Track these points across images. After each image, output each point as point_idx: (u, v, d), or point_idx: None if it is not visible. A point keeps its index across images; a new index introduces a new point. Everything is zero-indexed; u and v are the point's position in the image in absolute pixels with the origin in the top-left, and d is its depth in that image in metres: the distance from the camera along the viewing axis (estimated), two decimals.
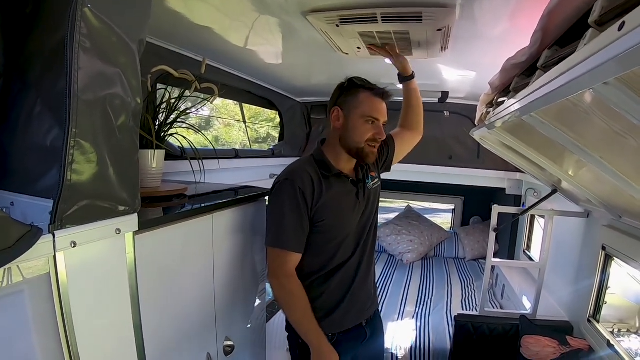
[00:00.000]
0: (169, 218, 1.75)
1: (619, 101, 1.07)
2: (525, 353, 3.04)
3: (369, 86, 2.15)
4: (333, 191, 2.13)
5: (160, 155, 2.08)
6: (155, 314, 1.65)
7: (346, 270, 2.22)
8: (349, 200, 2.20)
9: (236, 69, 3.77)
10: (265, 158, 4.96)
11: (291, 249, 2.08)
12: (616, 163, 1.78)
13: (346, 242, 2.20)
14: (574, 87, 1.07)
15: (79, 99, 1.06)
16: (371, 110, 2.11)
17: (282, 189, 2.08)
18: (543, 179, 3.38)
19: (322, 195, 2.09)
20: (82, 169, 1.10)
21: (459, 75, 3.73)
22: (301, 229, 2.07)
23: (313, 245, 2.15)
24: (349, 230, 2.20)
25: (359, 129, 2.11)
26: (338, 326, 2.23)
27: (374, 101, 2.12)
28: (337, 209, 2.15)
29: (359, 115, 2.11)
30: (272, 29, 2.51)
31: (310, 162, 2.17)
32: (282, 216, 2.07)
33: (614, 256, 2.78)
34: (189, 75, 2.18)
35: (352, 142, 2.14)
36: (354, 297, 2.26)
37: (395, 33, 2.35)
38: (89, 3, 1.06)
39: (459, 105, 5.16)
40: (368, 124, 2.11)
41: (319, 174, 2.12)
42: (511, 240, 5.86)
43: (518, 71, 1.80)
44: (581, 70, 0.98)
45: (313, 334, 2.12)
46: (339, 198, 2.16)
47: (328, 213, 2.11)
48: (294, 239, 2.08)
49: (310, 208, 2.07)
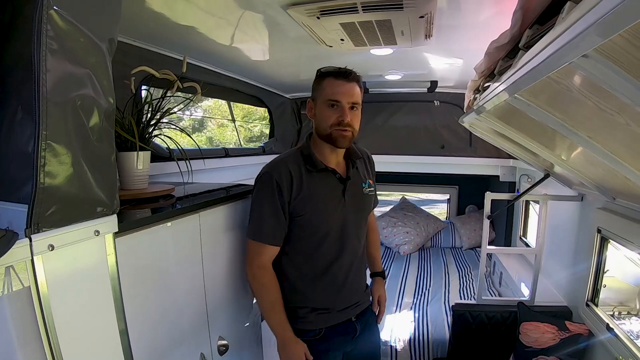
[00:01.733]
0: (152, 219, 1.72)
1: (601, 74, 1.05)
2: (524, 340, 3.04)
3: (332, 71, 2.12)
4: (316, 186, 2.13)
5: (145, 157, 2.05)
6: (143, 317, 1.63)
7: (334, 267, 2.21)
8: (334, 196, 2.19)
9: (223, 68, 3.77)
10: (256, 156, 4.94)
11: (265, 241, 2.11)
12: (606, 143, 1.75)
13: (330, 239, 2.18)
14: (553, 62, 1.05)
15: (49, 102, 1.04)
16: (332, 93, 2.08)
17: (261, 181, 2.12)
18: (536, 164, 3.38)
19: (302, 189, 2.09)
20: (55, 172, 1.08)
21: (446, 64, 3.73)
22: (277, 222, 2.10)
23: (295, 240, 2.17)
24: (332, 226, 2.18)
25: (324, 114, 2.11)
26: (324, 321, 2.24)
27: (335, 84, 2.08)
28: (318, 204, 2.14)
29: (322, 101, 2.10)
30: (256, 25, 2.50)
31: (295, 156, 2.18)
32: (258, 209, 2.12)
33: (609, 238, 2.77)
34: (171, 75, 2.15)
35: (322, 130, 2.13)
36: (341, 294, 2.26)
37: (377, 22, 2.34)
38: (55, 5, 1.03)
39: (449, 94, 5.17)
40: (331, 108, 2.09)
41: (302, 168, 2.12)
42: (507, 227, 5.88)
43: (502, 54, 1.77)
44: (559, 44, 0.96)
45: (278, 325, 2.16)
46: (322, 194, 2.15)
47: (308, 208, 2.11)
48: (268, 232, 2.11)
49: (287, 202, 2.08)
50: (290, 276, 2.22)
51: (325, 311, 2.24)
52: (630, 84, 1.04)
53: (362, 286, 2.42)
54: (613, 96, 1.18)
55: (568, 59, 0.99)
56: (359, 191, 2.29)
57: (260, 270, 2.14)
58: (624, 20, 0.71)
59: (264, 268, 2.14)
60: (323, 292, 2.22)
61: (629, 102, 1.12)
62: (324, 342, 2.23)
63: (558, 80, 1.45)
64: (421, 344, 3.86)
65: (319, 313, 2.23)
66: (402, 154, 5.50)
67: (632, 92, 1.07)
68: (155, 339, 1.73)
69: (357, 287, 2.36)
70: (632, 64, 1.00)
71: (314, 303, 2.22)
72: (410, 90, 5.16)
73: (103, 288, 1.32)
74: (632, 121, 1.36)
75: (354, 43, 2.72)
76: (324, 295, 2.23)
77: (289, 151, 2.25)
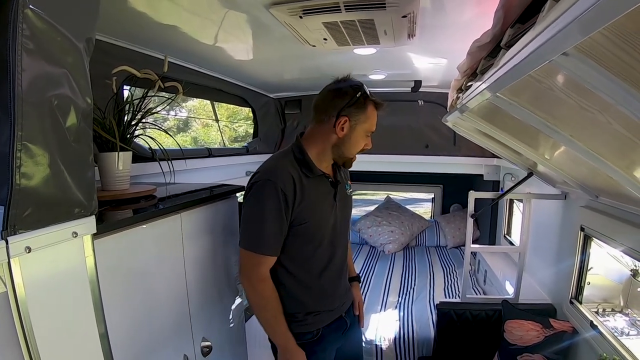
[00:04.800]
0: (132, 220, 1.71)
1: (581, 73, 1.05)
2: (508, 337, 3.04)
3: (376, 100, 2.10)
4: (314, 192, 2.09)
5: (126, 157, 2.04)
6: (124, 319, 1.62)
7: (328, 271, 2.22)
8: (328, 201, 2.18)
9: (206, 67, 3.76)
10: (240, 156, 4.94)
11: (267, 252, 2.04)
12: (588, 142, 1.76)
13: (324, 244, 2.18)
14: (534, 60, 1.04)
15: (24, 102, 1.02)
16: (372, 125, 2.11)
17: (263, 190, 1.99)
18: (519, 163, 3.40)
19: (304, 196, 2.03)
20: (31, 173, 1.06)
21: (430, 63, 3.75)
22: (280, 233, 2.03)
23: (290, 248, 2.11)
24: (326, 232, 2.17)
25: (358, 143, 2.11)
26: (320, 322, 2.24)
27: (376, 115, 2.11)
28: (317, 211, 2.12)
29: (364, 130, 2.09)
30: (240, 24, 2.50)
31: (290, 160, 2.09)
32: (261, 220, 2.00)
33: (592, 236, 2.79)
34: (152, 75, 2.13)
35: (347, 153, 2.13)
36: (335, 295, 2.30)
37: (360, 22, 2.34)
38: (31, 4, 1.01)
39: (433, 93, 5.18)
40: (366, 137, 2.12)
41: (299, 173, 2.05)
42: (491, 226, 5.91)
43: (484, 53, 1.77)
44: (539, 42, 0.96)
45: (281, 335, 2.12)
46: (320, 199, 2.14)
47: (310, 215, 2.07)
48: (272, 244, 2.03)
49: (292, 211, 2.01)
50: (287, 284, 2.17)
51: (320, 313, 2.24)
52: (611, 82, 1.04)
53: (347, 281, 2.46)
54: (594, 95, 1.18)
55: (548, 57, 0.99)
56: (344, 193, 2.30)
57: (262, 284, 2.07)
58: (603, 17, 0.71)
59: (265, 280, 2.08)
60: (318, 295, 2.23)
61: (610, 100, 1.12)
62: (320, 342, 2.24)
63: (540, 79, 1.45)
64: (406, 342, 3.86)
65: (315, 315, 2.22)
66: (387, 153, 5.50)
67: (613, 91, 1.06)
68: (137, 341, 1.72)
69: (345, 285, 2.41)
70: (613, 62, 1.00)
71: (310, 307, 2.21)
72: (394, 89, 5.16)
73: (82, 290, 1.30)
74: (614, 120, 1.37)
75: (337, 42, 2.72)
76: (319, 298, 2.23)
77: (281, 154, 2.17)
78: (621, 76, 1.03)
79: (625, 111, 1.13)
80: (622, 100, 1.08)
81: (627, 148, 1.61)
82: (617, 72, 1.02)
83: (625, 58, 0.97)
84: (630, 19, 0.76)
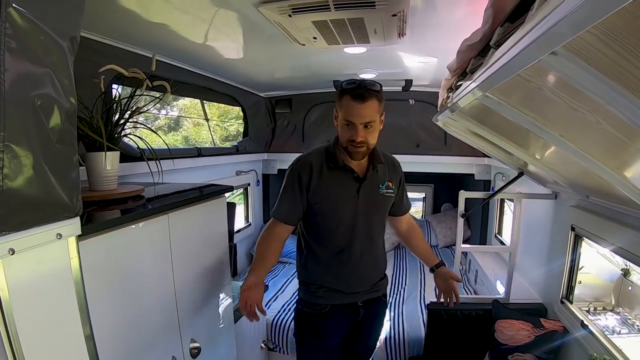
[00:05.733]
0: (118, 221, 1.69)
1: (570, 72, 1.04)
2: (499, 337, 3.04)
3: (350, 89, 2.24)
4: (332, 180, 2.40)
5: (114, 157, 2.03)
6: (111, 321, 1.62)
7: (343, 256, 2.47)
8: (348, 192, 2.42)
9: (196, 66, 3.75)
10: (230, 155, 4.93)
11: (278, 218, 2.47)
12: (578, 141, 1.76)
13: (341, 229, 2.44)
14: (523, 60, 1.03)
15: (7, 101, 1.00)
16: (347, 114, 2.25)
17: (287, 173, 2.47)
18: (510, 162, 3.40)
19: (321, 181, 2.38)
20: (14, 174, 1.04)
21: (421, 62, 3.74)
22: (292, 204, 2.43)
23: (312, 227, 2.50)
24: (343, 218, 2.43)
25: (341, 131, 2.32)
26: (331, 299, 2.51)
27: (350, 106, 2.23)
28: (331, 197, 2.41)
29: (342, 118, 2.29)
30: (230, 23, 2.50)
31: (320, 152, 2.46)
32: (280, 194, 2.48)
33: (583, 236, 2.80)
34: (140, 74, 2.12)
35: (341, 141, 2.35)
36: (348, 280, 2.52)
37: (350, 20, 2.33)
38: (14, 2, 0.99)
39: (424, 92, 5.19)
40: (347, 126, 2.27)
41: (323, 163, 2.41)
42: (482, 225, 5.92)
43: (474, 52, 1.76)
44: (528, 41, 0.95)
45: (253, 269, 2.37)
46: (336, 188, 2.41)
47: (322, 198, 2.40)
48: (282, 212, 2.46)
49: (306, 191, 2.39)
50: (307, 255, 2.54)
51: (332, 291, 2.50)
52: (600, 82, 1.03)
53: (372, 278, 2.62)
54: (584, 95, 1.17)
55: (537, 56, 0.98)
56: (375, 191, 2.48)
57: (266, 231, 2.50)
58: (592, 15, 0.70)
59: (270, 231, 2.48)
60: (331, 275, 2.50)
61: (599, 100, 1.12)
62: (327, 318, 2.53)
63: (529, 78, 1.45)
64: (397, 342, 3.86)
65: (326, 290, 2.51)
66: None
67: (602, 90, 1.06)
68: (124, 342, 1.71)
69: (365, 277, 2.58)
70: (603, 61, 0.99)
71: (321, 282, 2.51)
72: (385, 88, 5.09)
73: (67, 293, 1.28)
74: (604, 120, 1.36)
75: (326, 41, 2.72)
76: (332, 278, 2.50)
77: (319, 147, 2.52)
78: (610, 75, 1.02)
79: (614, 111, 1.13)
80: (612, 100, 1.08)
81: (617, 148, 1.61)
82: (606, 71, 1.01)
83: (615, 57, 0.97)
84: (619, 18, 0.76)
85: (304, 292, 2.60)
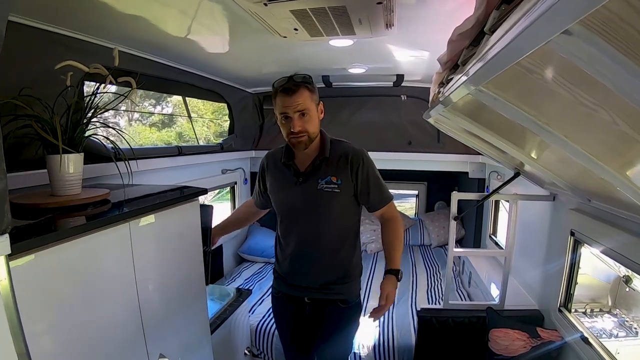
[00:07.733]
0: (67, 232, 1.51)
1: (586, 57, 0.82)
2: (493, 347, 2.95)
3: (280, 87, 2.38)
4: (277, 175, 2.63)
5: (77, 159, 1.89)
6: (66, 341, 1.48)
7: (287, 246, 2.63)
8: (287, 185, 2.57)
9: (176, 61, 3.63)
10: (214, 153, 4.82)
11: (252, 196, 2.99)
12: (583, 142, 1.58)
13: (284, 220, 2.64)
14: (526, 43, 0.82)
15: None
16: (281, 108, 2.37)
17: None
18: (505, 162, 3.30)
19: (272, 175, 2.66)
20: None
21: (412, 56, 3.67)
22: (257, 193, 2.88)
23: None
24: (284, 210, 2.64)
25: (281, 127, 2.44)
26: (280, 286, 2.75)
27: (282, 100, 2.35)
28: (275, 191, 2.65)
29: (278, 114, 2.42)
30: (213, 15, 2.43)
31: (281, 149, 2.64)
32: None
33: (584, 242, 2.69)
34: (102, 70, 1.96)
35: (285, 138, 2.46)
36: (291, 271, 2.65)
37: (331, 9, 2.22)
38: None
39: (416, 88, 5.10)
40: (285, 120, 2.39)
41: (280, 157, 2.60)
42: (477, 225, 5.83)
43: (467, 41, 1.59)
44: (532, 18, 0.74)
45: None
46: (279, 180, 2.63)
47: (271, 191, 2.68)
48: (254, 195, 2.95)
49: (263, 182, 2.76)
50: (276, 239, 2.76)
51: (281, 279, 2.71)
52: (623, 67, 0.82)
53: (321, 277, 2.59)
54: (595, 87, 0.98)
55: (543, 38, 0.76)
56: (314, 186, 2.49)
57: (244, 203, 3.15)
58: None
59: (247, 202, 3.10)
60: (281, 264, 2.70)
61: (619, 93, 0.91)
62: (279, 302, 2.80)
63: (530, 69, 1.26)
64: (386, 350, 3.72)
65: (277, 277, 2.76)
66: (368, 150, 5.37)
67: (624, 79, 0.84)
68: None
69: (312, 275, 2.60)
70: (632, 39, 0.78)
71: (277, 268, 2.76)
72: (375, 84, 5.08)
73: None
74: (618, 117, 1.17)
75: (309, 33, 2.60)
76: (281, 267, 2.70)
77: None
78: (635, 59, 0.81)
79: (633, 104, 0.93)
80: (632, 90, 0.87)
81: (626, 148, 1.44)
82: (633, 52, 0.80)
83: None
84: None
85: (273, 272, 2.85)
